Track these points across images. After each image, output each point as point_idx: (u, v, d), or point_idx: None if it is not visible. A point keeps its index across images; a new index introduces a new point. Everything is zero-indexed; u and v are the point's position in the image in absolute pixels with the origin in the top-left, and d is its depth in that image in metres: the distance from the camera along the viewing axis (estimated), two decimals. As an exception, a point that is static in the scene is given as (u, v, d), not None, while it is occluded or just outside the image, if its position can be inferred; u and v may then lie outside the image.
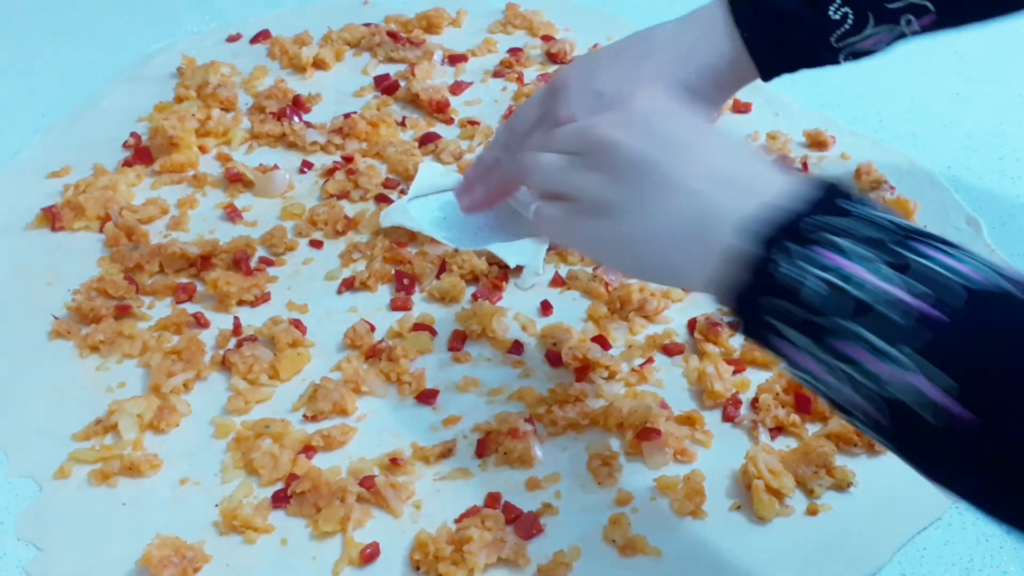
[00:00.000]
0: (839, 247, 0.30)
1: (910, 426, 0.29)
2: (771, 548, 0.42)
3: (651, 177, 0.36)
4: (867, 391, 0.29)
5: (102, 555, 0.42)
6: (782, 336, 0.31)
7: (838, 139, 0.64)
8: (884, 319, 0.29)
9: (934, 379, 0.28)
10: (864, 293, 0.29)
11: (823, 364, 0.30)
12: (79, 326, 0.52)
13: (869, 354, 0.29)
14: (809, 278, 0.30)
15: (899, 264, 0.29)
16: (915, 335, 0.28)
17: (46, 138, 0.66)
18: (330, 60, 0.71)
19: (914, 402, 0.28)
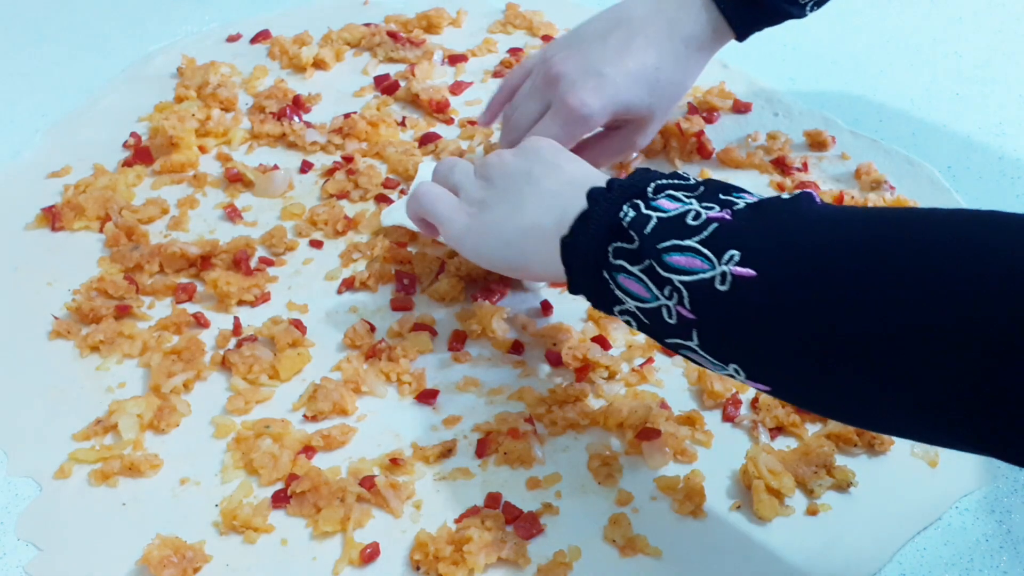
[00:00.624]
0: (674, 196, 0.38)
1: (708, 303, 0.35)
2: (771, 548, 0.42)
3: (522, 181, 0.44)
4: (673, 286, 0.36)
5: (102, 555, 0.42)
6: (624, 270, 0.38)
7: (838, 139, 0.64)
8: (686, 227, 0.36)
9: (718, 256, 0.35)
10: (688, 219, 0.36)
11: (652, 283, 0.37)
12: (79, 326, 0.52)
13: (680, 256, 0.36)
14: (652, 220, 0.37)
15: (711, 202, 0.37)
16: (705, 230, 0.36)
17: (46, 138, 0.66)
18: (330, 60, 0.71)
19: (705, 278, 0.35)
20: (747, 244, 0.34)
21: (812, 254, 0.33)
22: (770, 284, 0.33)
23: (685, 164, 0.62)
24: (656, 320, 0.37)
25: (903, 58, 0.71)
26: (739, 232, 0.35)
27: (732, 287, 0.34)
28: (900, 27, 0.60)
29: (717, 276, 0.34)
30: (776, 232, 0.34)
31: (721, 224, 0.36)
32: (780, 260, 0.34)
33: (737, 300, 0.34)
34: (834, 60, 0.71)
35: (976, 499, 0.44)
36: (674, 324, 0.37)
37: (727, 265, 0.34)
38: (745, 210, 0.36)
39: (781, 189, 0.60)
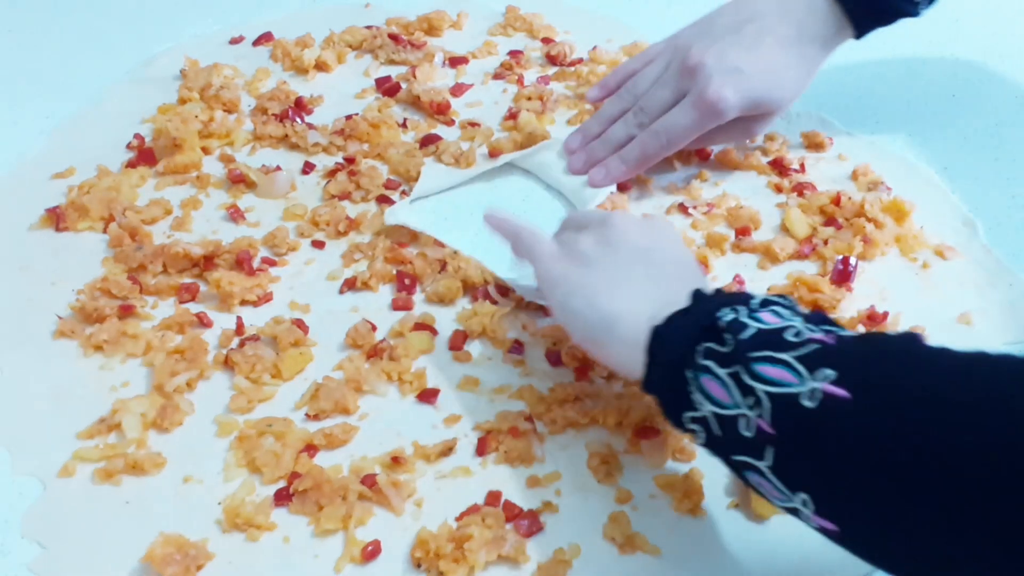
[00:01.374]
0: (778, 313, 0.37)
1: (791, 420, 0.33)
2: (769, 546, 0.42)
3: (640, 258, 0.43)
4: (757, 397, 0.34)
5: (106, 553, 0.42)
6: (709, 372, 0.36)
7: (835, 140, 0.64)
8: (783, 341, 0.34)
9: (811, 372, 0.33)
10: (787, 334, 0.35)
11: (736, 388, 0.35)
12: (83, 326, 0.52)
13: (772, 367, 0.34)
14: (750, 327, 0.36)
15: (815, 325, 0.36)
16: (803, 347, 0.34)
17: (50, 140, 0.66)
18: (332, 62, 0.72)
19: (792, 392, 0.33)
20: (846, 366, 0.32)
21: (912, 389, 0.31)
22: (862, 410, 0.31)
23: (684, 165, 0.63)
24: (730, 430, 0.35)
25: (900, 59, 0.72)
26: (840, 355, 0.33)
27: (820, 405, 0.32)
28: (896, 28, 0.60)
29: (806, 392, 0.32)
30: (878, 361, 0.32)
31: (823, 346, 0.34)
32: (877, 388, 0.31)
33: (823, 421, 0.32)
34: (831, 62, 0.72)
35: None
36: (749, 438, 0.34)
37: (819, 382, 0.32)
38: (850, 338, 0.34)
39: (779, 190, 0.61)
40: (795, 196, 0.60)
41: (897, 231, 0.57)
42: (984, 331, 0.51)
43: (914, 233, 0.57)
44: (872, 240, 0.55)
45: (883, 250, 0.56)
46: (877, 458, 0.30)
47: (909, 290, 0.54)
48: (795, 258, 0.56)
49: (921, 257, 0.56)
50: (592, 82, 0.69)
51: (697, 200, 0.60)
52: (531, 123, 0.64)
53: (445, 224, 0.59)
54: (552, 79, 0.70)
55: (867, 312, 0.52)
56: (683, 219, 0.59)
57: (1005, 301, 0.53)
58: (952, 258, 0.56)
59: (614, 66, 0.71)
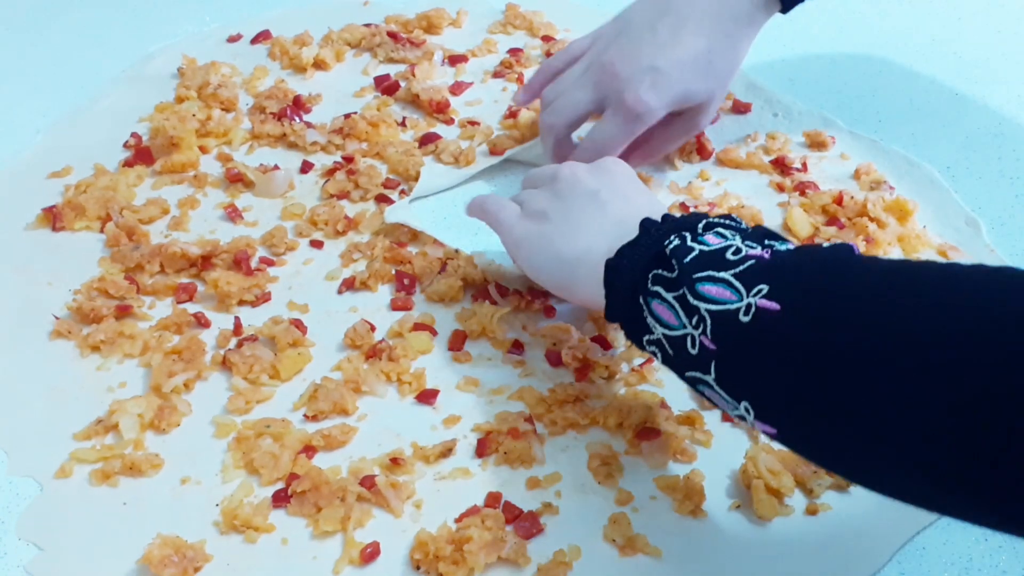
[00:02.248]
0: (720, 234, 0.39)
1: (729, 334, 0.35)
2: (771, 548, 0.42)
3: (589, 201, 0.45)
4: (700, 315, 0.36)
5: (103, 554, 0.42)
6: (658, 297, 0.39)
7: (837, 139, 0.64)
8: (724, 260, 0.37)
9: (748, 289, 0.35)
10: (728, 253, 0.37)
11: (681, 311, 0.37)
12: (80, 326, 0.52)
13: (713, 286, 0.36)
14: (695, 251, 0.38)
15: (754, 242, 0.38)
16: (741, 265, 0.36)
17: (47, 138, 0.66)
18: (330, 60, 0.72)
19: (731, 308, 0.35)
20: (778, 280, 0.35)
21: (838, 299, 0.33)
22: (790, 320, 0.33)
23: (685, 164, 0.63)
24: (680, 350, 0.38)
25: (902, 58, 0.71)
26: (773, 269, 0.35)
27: (754, 319, 0.34)
28: (899, 27, 0.60)
29: (743, 307, 0.35)
30: (808, 273, 0.35)
31: (758, 261, 0.36)
32: (805, 299, 0.33)
33: (756, 333, 0.34)
34: (834, 60, 0.71)
35: (975, 499, 0.44)
36: (695, 355, 0.37)
37: (754, 297, 0.35)
38: (785, 252, 0.37)
39: (781, 189, 0.60)
40: (797, 195, 0.59)
41: (900, 230, 0.56)
42: (987, 331, 0.51)
43: (917, 232, 0.56)
44: (875, 240, 0.55)
45: (886, 250, 0.55)
46: (802, 364, 0.33)
47: (911, 290, 0.53)
48: (797, 257, 0.56)
49: (924, 257, 0.55)
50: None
51: (699, 199, 0.59)
52: (531, 122, 0.64)
53: (445, 223, 0.59)
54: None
55: (869, 312, 0.51)
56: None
57: (1008, 301, 0.53)
58: (955, 258, 0.55)
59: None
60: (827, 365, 0.32)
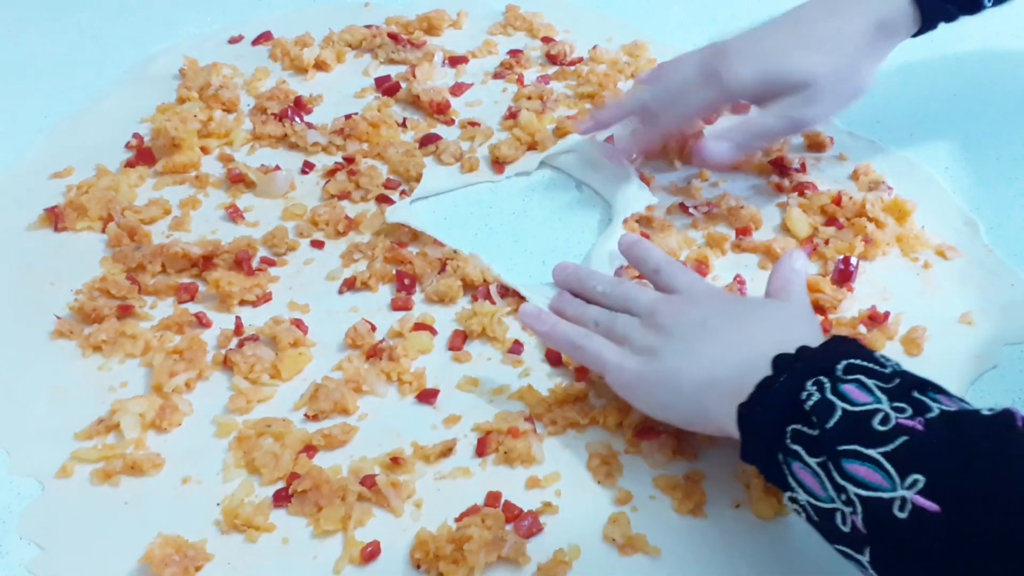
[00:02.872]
0: (864, 385, 0.35)
1: (883, 526, 0.32)
2: (770, 547, 0.42)
3: (699, 331, 0.43)
4: (848, 496, 0.33)
5: (104, 554, 0.42)
6: (799, 459, 0.35)
7: (836, 140, 0.64)
8: (872, 432, 0.33)
9: (902, 476, 0.32)
10: (875, 422, 0.34)
11: (827, 483, 0.34)
12: (81, 326, 0.52)
13: (860, 465, 0.33)
14: (837, 411, 0.34)
15: (902, 403, 0.34)
16: (892, 441, 0.33)
17: (49, 139, 0.66)
18: (331, 61, 0.72)
19: (884, 497, 0.32)
20: (935, 469, 0.32)
21: (1007, 498, 0.30)
22: (953, 525, 0.31)
23: (684, 165, 0.63)
24: (828, 522, 0.35)
25: (901, 58, 0.71)
26: (929, 451, 0.32)
27: (911, 516, 0.31)
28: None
29: (897, 500, 0.32)
30: (969, 461, 0.31)
31: (911, 437, 0.33)
32: (968, 499, 0.31)
33: (915, 532, 0.31)
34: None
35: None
36: (847, 533, 0.34)
37: (909, 491, 0.31)
38: (939, 421, 0.33)
39: (780, 190, 0.60)
40: (796, 196, 0.59)
41: (898, 231, 0.56)
42: (985, 331, 0.51)
43: (915, 233, 0.56)
44: (873, 240, 0.55)
45: (884, 250, 0.55)
46: (968, 573, 0.30)
47: (910, 290, 0.54)
48: (796, 258, 0.56)
49: (922, 257, 0.56)
50: (592, 81, 0.69)
51: (698, 200, 0.60)
52: (531, 122, 0.64)
53: (445, 223, 0.59)
54: (552, 78, 0.70)
55: (868, 312, 0.52)
56: (683, 219, 0.59)
57: (1007, 301, 0.53)
58: (953, 258, 0.55)
59: (614, 65, 0.71)
60: (1004, 570, 0.30)
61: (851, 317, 0.52)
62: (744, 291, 0.54)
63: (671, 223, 0.58)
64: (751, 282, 0.54)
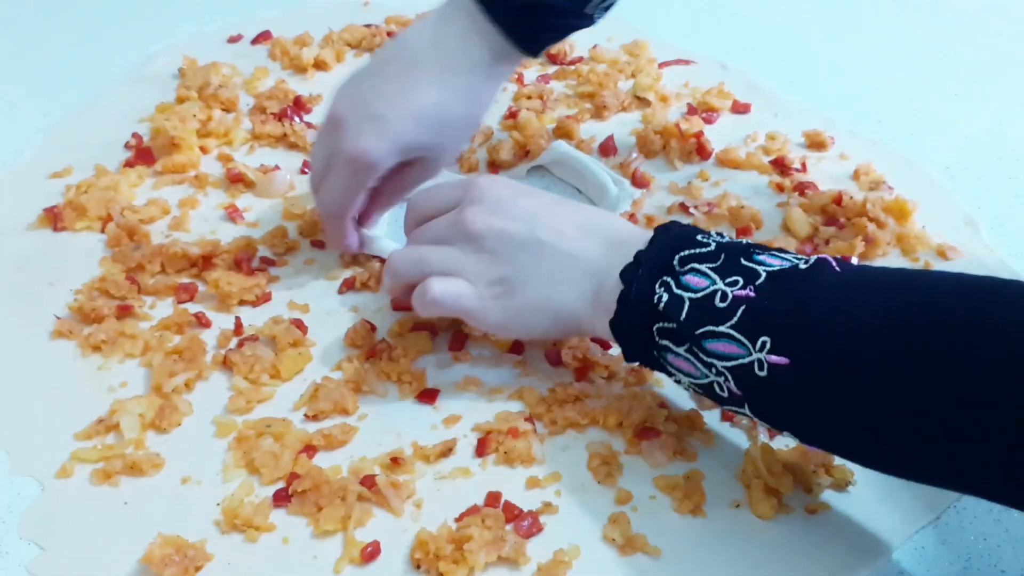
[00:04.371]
0: (698, 271, 0.40)
1: (751, 385, 0.38)
2: (770, 547, 0.42)
3: (534, 249, 0.44)
4: (717, 369, 0.39)
5: (104, 554, 0.42)
6: (671, 351, 0.40)
7: (837, 139, 0.64)
8: (716, 311, 0.38)
9: (752, 342, 0.37)
10: (716, 301, 0.39)
11: (698, 363, 0.39)
12: (81, 326, 0.52)
13: (717, 342, 0.38)
14: (685, 303, 0.39)
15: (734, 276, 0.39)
16: (734, 314, 0.38)
17: (47, 139, 0.66)
18: (331, 61, 0.72)
19: (744, 363, 0.37)
20: (776, 328, 0.37)
21: (837, 337, 0.35)
22: (802, 370, 0.36)
23: (685, 164, 0.63)
24: (710, 392, 0.40)
25: (902, 58, 0.71)
26: (766, 313, 0.37)
27: (769, 372, 0.37)
28: (899, 27, 0.60)
29: (755, 362, 0.37)
30: (800, 312, 0.37)
31: (747, 305, 0.38)
32: (808, 346, 0.36)
33: (776, 383, 0.37)
34: (833, 60, 0.72)
35: (974, 498, 0.44)
36: (727, 397, 0.39)
37: (761, 353, 0.37)
38: (767, 284, 0.38)
39: (780, 189, 0.60)
40: (796, 195, 0.59)
41: (899, 230, 0.56)
42: (986, 331, 0.51)
43: (916, 233, 0.56)
44: (874, 239, 0.55)
45: (885, 250, 0.55)
46: (827, 408, 0.36)
47: (911, 290, 0.54)
48: (796, 257, 0.56)
49: (923, 257, 0.56)
50: (592, 81, 0.69)
51: (698, 199, 0.60)
52: (531, 122, 0.64)
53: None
54: (552, 78, 0.70)
55: (869, 312, 0.51)
56: (684, 219, 0.59)
57: (1007, 301, 0.53)
58: (954, 258, 0.55)
59: (614, 64, 0.71)
60: (849, 402, 0.35)
61: (851, 317, 0.52)
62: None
63: (671, 223, 0.58)
64: (751, 282, 0.54)
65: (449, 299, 0.45)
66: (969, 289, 0.34)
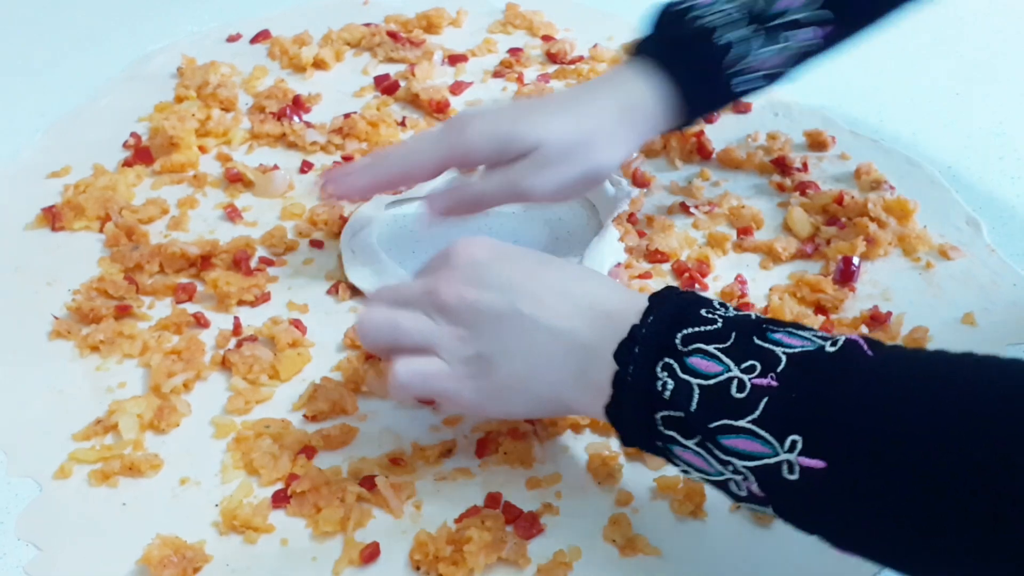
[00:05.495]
0: (706, 353, 0.35)
1: (778, 487, 0.33)
2: (770, 548, 0.42)
3: (512, 323, 0.39)
4: (736, 468, 0.34)
5: (102, 555, 0.42)
6: (678, 443, 0.36)
7: (838, 139, 0.64)
8: (733, 402, 0.34)
9: (780, 440, 0.33)
10: (732, 391, 0.34)
11: (712, 460, 0.35)
12: (79, 326, 0.52)
13: (736, 438, 0.34)
14: (695, 391, 0.35)
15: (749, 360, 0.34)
16: (755, 406, 0.33)
17: (46, 138, 0.66)
18: (330, 60, 0.72)
19: (771, 463, 0.33)
20: (807, 426, 0.32)
21: (879, 439, 0.31)
22: (840, 474, 0.32)
23: (685, 164, 0.63)
24: (725, 490, 0.36)
25: (903, 58, 0.71)
26: (794, 408, 0.33)
27: (802, 476, 0.32)
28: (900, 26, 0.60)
29: (784, 464, 0.33)
30: (834, 407, 0.32)
31: (771, 396, 0.33)
32: (846, 448, 0.32)
33: (809, 488, 0.32)
34: (834, 60, 0.71)
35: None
36: (746, 496, 0.35)
37: (791, 454, 0.32)
38: (790, 372, 0.33)
39: (781, 189, 0.60)
40: (797, 195, 0.59)
41: (900, 230, 0.56)
42: (988, 331, 0.51)
43: (917, 233, 0.56)
44: (875, 240, 0.55)
45: (886, 250, 0.55)
46: (868, 516, 0.32)
47: (912, 290, 0.53)
48: (797, 258, 0.56)
49: (924, 257, 0.55)
50: (592, 80, 0.68)
51: (699, 199, 0.59)
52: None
53: (444, 222, 0.57)
54: (552, 77, 0.70)
55: (870, 313, 0.51)
56: (685, 218, 0.58)
57: (1009, 301, 0.53)
58: (956, 258, 0.55)
59: (615, 64, 0.71)
60: (893, 509, 0.31)
61: (852, 317, 0.52)
62: (745, 291, 0.53)
63: (672, 223, 0.58)
64: (752, 282, 0.54)
65: (417, 383, 0.41)
66: (1019, 382, 0.30)
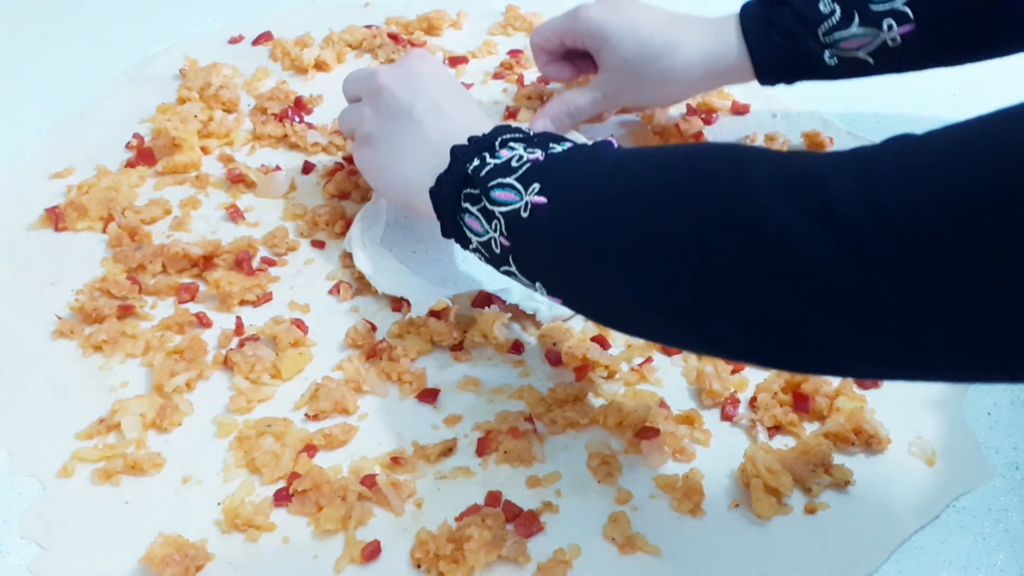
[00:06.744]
0: (511, 146, 0.43)
1: (517, 229, 0.41)
2: (769, 546, 0.42)
3: (406, 123, 0.49)
4: (495, 217, 0.41)
5: (105, 553, 0.42)
6: (469, 212, 0.43)
7: (836, 140, 0.64)
8: (509, 168, 0.42)
9: (525, 188, 0.41)
10: (512, 161, 0.42)
11: (484, 218, 0.42)
12: (82, 326, 0.52)
13: (501, 191, 0.42)
14: (487, 166, 0.43)
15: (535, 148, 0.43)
16: (521, 169, 0.42)
17: (49, 139, 0.66)
18: (331, 62, 0.72)
19: (516, 207, 0.41)
20: (547, 178, 0.40)
21: (590, 185, 0.39)
22: (555, 210, 0.39)
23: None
24: (490, 252, 0.43)
25: (902, 59, 0.71)
26: (546, 169, 0.41)
27: (531, 214, 0.40)
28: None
29: (523, 206, 0.40)
30: (571, 169, 0.41)
31: (534, 163, 0.41)
32: (566, 190, 0.40)
33: (533, 224, 0.40)
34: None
35: (973, 498, 0.44)
36: (499, 253, 0.42)
37: (530, 196, 0.40)
38: (559, 154, 0.42)
39: (780, 190, 0.60)
40: (796, 196, 0.59)
41: (898, 231, 0.56)
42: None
43: (915, 233, 0.56)
44: (873, 240, 0.55)
45: (884, 250, 0.55)
46: (570, 248, 0.39)
47: (910, 290, 0.54)
48: (796, 258, 0.56)
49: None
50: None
51: (697, 200, 0.60)
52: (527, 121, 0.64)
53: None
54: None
55: (868, 312, 0.51)
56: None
57: (1006, 301, 0.53)
58: (953, 258, 0.55)
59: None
60: (585, 241, 0.38)
61: (851, 317, 0.52)
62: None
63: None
64: (751, 282, 0.54)
65: (346, 122, 0.54)
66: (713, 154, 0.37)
